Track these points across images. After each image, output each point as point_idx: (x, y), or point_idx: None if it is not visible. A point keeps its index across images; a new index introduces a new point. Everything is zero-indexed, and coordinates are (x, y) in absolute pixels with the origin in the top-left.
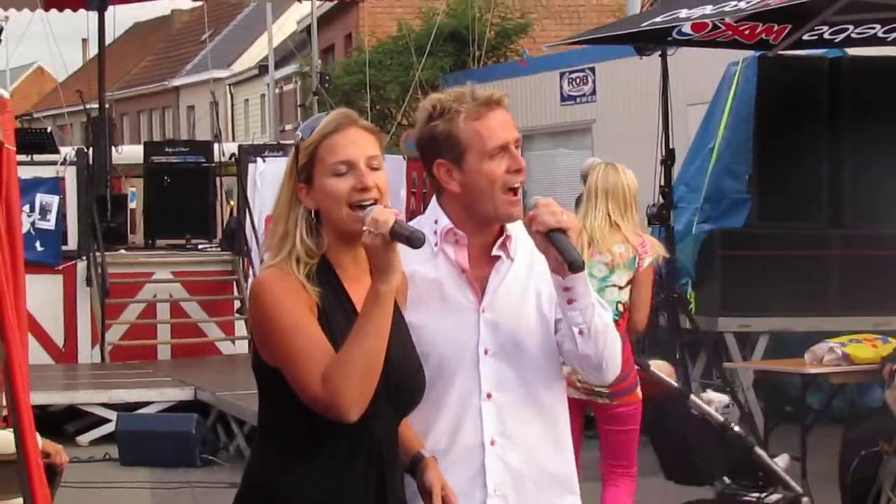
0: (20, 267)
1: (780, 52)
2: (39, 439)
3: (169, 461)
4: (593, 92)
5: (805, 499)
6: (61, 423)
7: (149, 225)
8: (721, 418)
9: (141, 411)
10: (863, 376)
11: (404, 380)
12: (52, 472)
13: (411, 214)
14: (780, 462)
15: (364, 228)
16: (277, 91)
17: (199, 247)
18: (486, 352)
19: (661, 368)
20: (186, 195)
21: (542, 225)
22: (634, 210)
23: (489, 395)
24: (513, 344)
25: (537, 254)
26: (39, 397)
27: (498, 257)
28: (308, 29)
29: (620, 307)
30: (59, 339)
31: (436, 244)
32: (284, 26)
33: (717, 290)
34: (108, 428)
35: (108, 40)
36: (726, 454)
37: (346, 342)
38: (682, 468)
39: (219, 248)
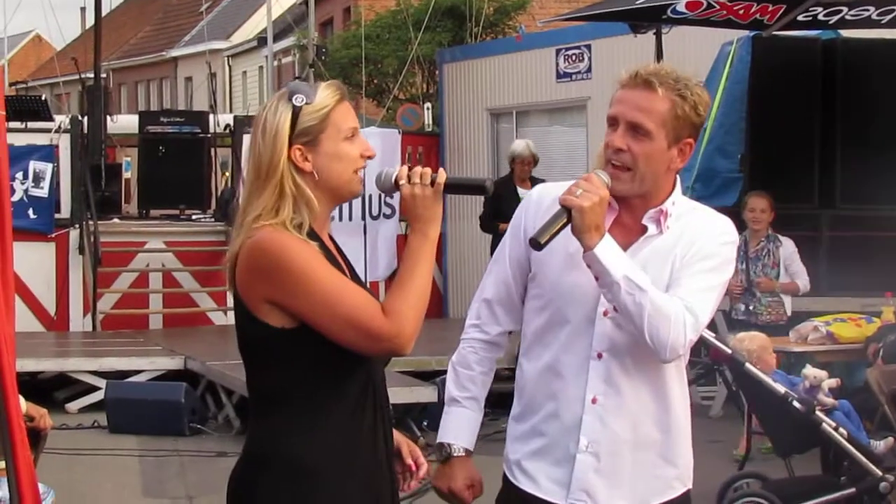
0: (8, 233)
1: (775, 33)
2: (24, 403)
3: (157, 430)
4: (589, 69)
5: (883, 483)
6: (51, 390)
7: (143, 195)
8: (782, 390)
9: (130, 380)
10: (847, 355)
11: None
12: (36, 436)
13: None
14: (882, 445)
15: (402, 182)
16: (275, 64)
17: (193, 217)
18: (605, 313)
19: (754, 339)
20: (181, 165)
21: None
22: None
23: (600, 355)
24: None
25: (692, 230)
26: (30, 364)
27: (646, 228)
28: (307, 2)
29: None
30: (50, 308)
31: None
32: None
33: None
34: (97, 396)
35: (107, 10)
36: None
37: (400, 279)
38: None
39: (212, 219)
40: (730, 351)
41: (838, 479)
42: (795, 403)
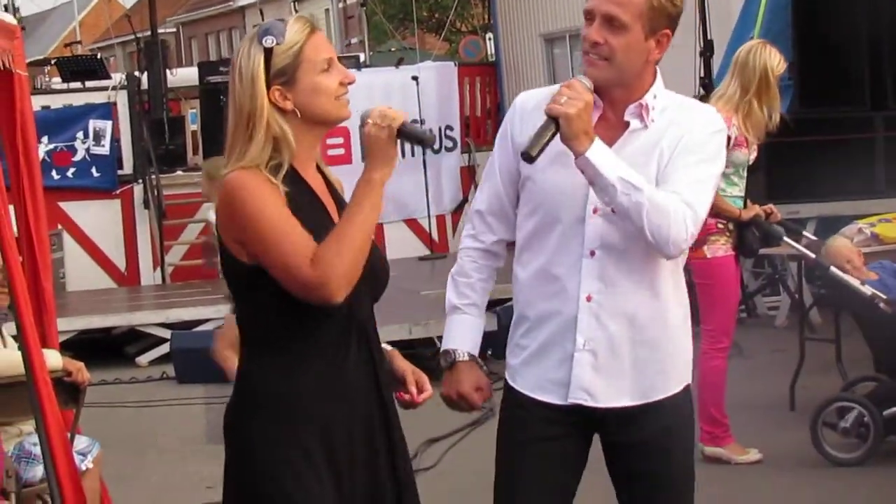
0: (39, 191)
1: None
2: (59, 358)
3: (223, 376)
4: None
5: None
6: (124, 344)
7: (207, 145)
8: (868, 291)
9: (198, 329)
10: (894, 256)
11: (375, 263)
12: (76, 390)
13: (466, 120)
14: None
15: (368, 121)
16: (341, 5)
17: None
18: (594, 210)
19: (841, 248)
20: None
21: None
22: (752, 90)
23: (592, 253)
24: None
25: (678, 123)
26: (98, 321)
27: (629, 123)
28: None
29: None
30: (120, 263)
31: None
32: None
33: (763, 178)
34: (165, 348)
35: None
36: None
37: (337, 226)
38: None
39: None
40: (814, 256)
41: None
42: (882, 305)
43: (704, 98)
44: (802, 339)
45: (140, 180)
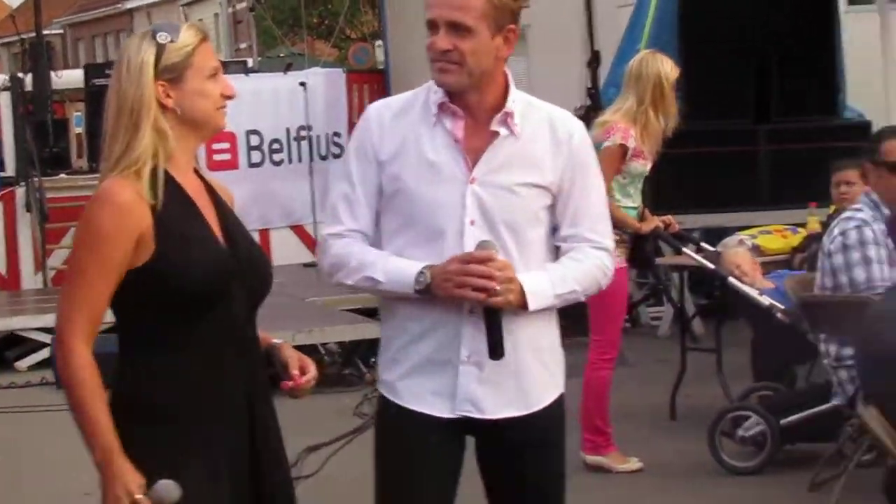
0: None
1: None
2: None
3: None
4: None
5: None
6: (3, 349)
7: (92, 149)
8: (766, 302)
9: None
10: (774, 267)
11: (253, 263)
12: None
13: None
14: None
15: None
16: (230, 10)
17: None
18: (472, 223)
19: (737, 256)
20: None
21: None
22: (647, 99)
23: None
24: (501, 218)
25: (551, 140)
26: None
27: (497, 132)
28: None
29: None
30: (0, 267)
31: (434, 115)
32: None
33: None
34: (46, 353)
35: None
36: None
37: (92, 390)
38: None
39: None
40: (713, 266)
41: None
42: (779, 315)
43: (592, 109)
44: (684, 348)
45: (22, 183)
